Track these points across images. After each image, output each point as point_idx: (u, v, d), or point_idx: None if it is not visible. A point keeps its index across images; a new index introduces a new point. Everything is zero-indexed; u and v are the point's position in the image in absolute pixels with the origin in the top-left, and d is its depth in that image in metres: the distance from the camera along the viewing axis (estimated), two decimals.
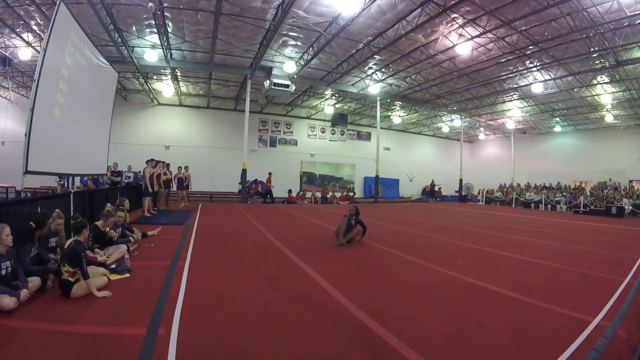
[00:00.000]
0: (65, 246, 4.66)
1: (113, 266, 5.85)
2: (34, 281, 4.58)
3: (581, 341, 3.75)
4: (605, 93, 21.81)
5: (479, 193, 33.31)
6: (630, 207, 21.79)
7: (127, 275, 5.65)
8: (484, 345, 3.68)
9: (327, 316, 4.35)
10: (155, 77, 23.15)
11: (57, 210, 6.32)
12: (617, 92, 21.25)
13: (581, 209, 23.20)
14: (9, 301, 4.00)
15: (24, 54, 16.91)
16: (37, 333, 3.61)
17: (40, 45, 16.27)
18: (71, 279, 4.55)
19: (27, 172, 7.08)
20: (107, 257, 6.12)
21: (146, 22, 15.63)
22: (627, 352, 3.65)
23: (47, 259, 5.25)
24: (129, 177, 17.34)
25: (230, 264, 6.73)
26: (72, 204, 8.53)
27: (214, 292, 5.08)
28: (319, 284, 5.61)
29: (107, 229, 6.65)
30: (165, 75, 22.67)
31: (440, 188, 34.27)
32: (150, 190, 13.39)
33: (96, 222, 6.69)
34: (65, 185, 15.86)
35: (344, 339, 3.72)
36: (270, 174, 24.38)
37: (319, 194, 26.91)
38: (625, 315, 4.46)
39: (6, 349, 3.25)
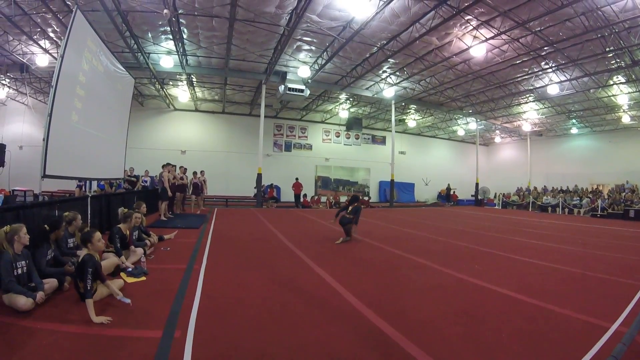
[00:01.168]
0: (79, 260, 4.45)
1: (130, 269, 5.93)
2: (51, 282, 4.65)
3: (599, 347, 3.66)
4: (621, 93, 21.43)
5: (495, 197, 32.89)
6: None
7: (144, 278, 5.72)
8: (500, 350, 3.64)
9: (342, 319, 4.34)
10: (171, 83, 23.48)
11: (72, 212, 6.42)
12: (634, 92, 20.84)
13: (599, 212, 22.79)
14: (25, 302, 4.08)
15: (41, 60, 17.38)
16: (53, 334, 3.65)
17: (57, 52, 16.74)
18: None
19: (45, 176, 7.23)
20: (125, 258, 6.22)
21: (161, 29, 15.88)
22: None
23: (64, 262, 5.35)
24: (146, 182, 17.54)
25: (245, 267, 6.78)
26: (89, 207, 8.67)
27: (230, 294, 5.12)
28: (333, 287, 5.61)
29: (128, 231, 6.74)
30: (181, 80, 22.99)
31: (454, 192, 33.94)
32: (169, 194, 13.50)
33: (119, 225, 6.77)
34: (83, 189, 16.12)
35: (358, 342, 3.72)
36: (297, 179, 24.76)
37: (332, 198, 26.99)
38: None
39: (22, 348, 3.30)
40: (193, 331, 3.79)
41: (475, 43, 16.04)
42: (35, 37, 15.90)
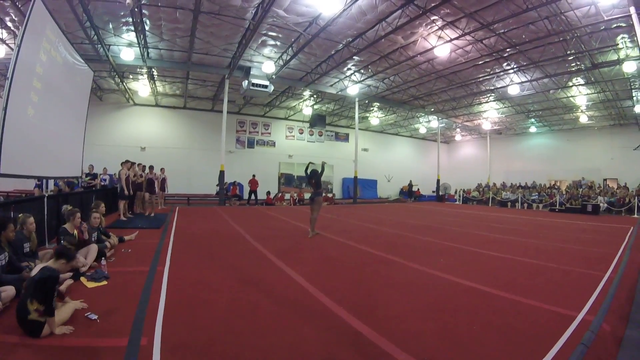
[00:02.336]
0: (32, 274, 3.80)
1: (89, 273, 5.65)
2: (8, 291, 4.29)
3: (568, 336, 3.80)
4: (580, 95, 22.40)
5: (455, 192, 33.73)
6: (606, 205, 22.37)
7: (105, 282, 5.42)
8: (473, 342, 3.69)
9: (314, 318, 4.29)
10: (131, 77, 22.64)
11: (23, 214, 6.04)
12: (592, 93, 21.86)
13: (557, 207, 23.68)
14: None
15: None
16: (13, 347, 3.41)
17: (15, 42, 15.86)
18: (42, 319, 3.59)
19: (0, 175, 6.82)
20: (84, 257, 5.92)
21: (123, 20, 15.25)
22: (612, 345, 3.76)
23: (20, 268, 4.98)
24: (105, 180, 16.91)
25: (211, 267, 6.60)
26: (46, 207, 8.25)
27: (196, 296, 4.95)
28: (302, 286, 5.54)
29: (76, 231, 6.41)
30: (142, 74, 22.17)
31: (418, 188, 34.53)
32: (125, 193, 12.98)
33: (64, 225, 6.45)
34: (41, 188, 15.42)
35: (333, 341, 3.67)
36: (254, 175, 24.52)
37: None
38: (608, 309, 4.58)
39: None
40: (160, 338, 3.62)
41: (439, 43, 16.28)
42: None
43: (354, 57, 18.82)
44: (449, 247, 9.30)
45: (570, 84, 20.83)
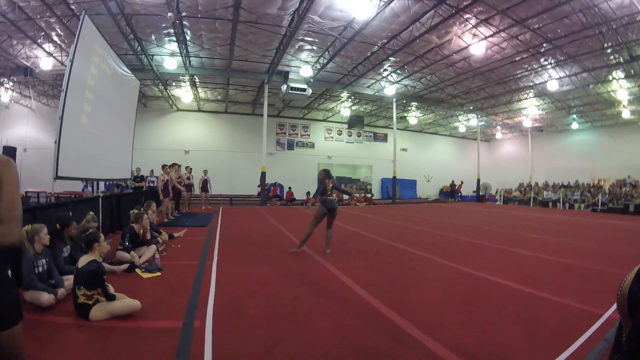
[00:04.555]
0: (80, 266, 4.16)
1: (144, 266, 6.20)
2: (70, 279, 4.78)
3: (592, 332, 3.91)
4: (621, 89, 21.49)
5: (496, 192, 33.09)
6: None
7: (159, 273, 5.98)
8: (499, 334, 3.90)
9: (351, 308, 4.60)
10: (174, 84, 23.69)
11: (90, 213, 6.68)
12: (633, 87, 20.96)
13: (599, 207, 22.98)
14: (47, 298, 4.26)
15: (45, 63, 17.52)
16: (77, 328, 3.85)
17: (61, 55, 16.96)
18: (89, 302, 4.05)
19: (57, 177, 7.44)
20: (139, 257, 6.47)
21: (165, 31, 16.09)
22: None
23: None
24: (152, 182, 17.72)
25: (256, 262, 7.02)
26: (100, 207, 8.90)
27: (243, 287, 5.37)
28: (341, 280, 5.87)
29: (142, 230, 6.98)
30: (184, 81, 23.19)
31: (462, 182, 33.91)
32: (160, 197, 13.32)
33: (132, 225, 7.06)
34: (91, 189, 16.35)
35: (368, 328, 3.98)
36: (290, 188, 25.40)
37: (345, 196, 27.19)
38: None
39: (51, 343, 3.45)
40: (212, 321, 4.03)
41: (474, 41, 16.22)
42: (39, 40, 16.09)
43: (389, 58, 18.95)
44: (485, 246, 9.39)
45: (610, 77, 20.08)
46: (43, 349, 3.31)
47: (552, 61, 18.46)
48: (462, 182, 33.84)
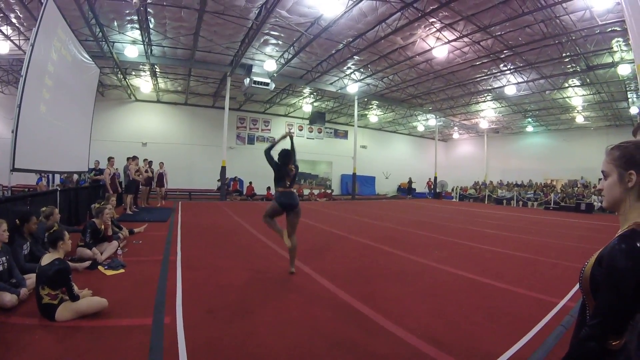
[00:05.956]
0: (43, 264, 3.97)
1: (107, 263, 6.03)
2: (32, 278, 4.52)
3: (549, 319, 4.22)
4: (576, 96, 22.68)
5: (452, 190, 34.07)
6: (599, 204, 22.67)
7: (122, 270, 5.82)
8: (463, 321, 4.14)
9: (320, 301, 4.72)
10: (133, 73, 22.87)
11: (47, 207, 6.42)
12: (588, 94, 22.17)
13: (551, 205, 24.11)
14: (10, 298, 4.08)
15: (2, 47, 16.40)
16: (43, 328, 3.70)
17: (19, 39, 16.14)
18: (54, 302, 3.90)
19: (14, 169, 7.15)
20: (101, 253, 6.29)
21: (128, 18, 15.50)
22: None
23: (40, 256, 5.33)
24: (118, 175, 17.19)
25: (220, 257, 7.02)
26: (58, 201, 8.60)
27: (210, 282, 5.36)
28: (307, 273, 5.98)
29: (103, 226, 6.79)
30: (144, 71, 22.43)
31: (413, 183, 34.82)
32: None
33: (93, 220, 6.84)
34: (45, 182, 15.74)
35: (338, 319, 4.10)
36: (250, 182, 25.26)
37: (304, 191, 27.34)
38: None
39: (16, 345, 3.32)
40: (182, 316, 4.01)
41: (438, 44, 16.62)
42: None
43: (354, 57, 19.14)
44: (443, 240, 9.74)
45: (566, 85, 21.16)
46: (8, 351, 3.19)
47: (512, 67, 19.20)
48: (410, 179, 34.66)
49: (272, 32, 16.73)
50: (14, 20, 15.16)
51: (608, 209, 1.55)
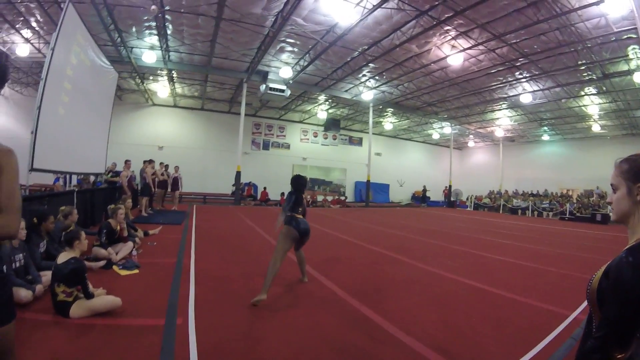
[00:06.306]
0: (59, 262, 4.10)
1: (121, 263, 6.16)
2: (48, 275, 4.66)
3: (560, 331, 4.18)
4: (592, 104, 22.36)
5: (467, 199, 33.79)
6: None
7: (137, 271, 5.95)
8: (470, 331, 4.12)
9: (329, 306, 4.75)
10: (151, 78, 23.26)
11: (68, 206, 6.58)
12: (604, 103, 21.84)
13: (567, 215, 23.80)
14: (25, 294, 4.18)
15: (22, 50, 16.97)
16: (57, 325, 3.81)
17: (39, 43, 16.52)
18: (69, 299, 4.02)
19: (32, 169, 7.32)
20: (116, 253, 6.41)
21: (146, 24, 15.82)
22: None
23: (56, 255, 5.46)
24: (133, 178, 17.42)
25: (233, 261, 7.09)
26: (75, 201, 8.77)
27: (222, 285, 5.45)
28: (318, 279, 6.02)
29: (119, 227, 6.92)
30: (162, 76, 22.81)
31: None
32: (153, 190, 13.47)
33: (109, 220, 6.98)
34: (62, 183, 16.02)
35: (345, 326, 4.12)
36: (265, 188, 25.33)
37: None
38: None
39: (30, 340, 3.39)
40: (194, 318, 4.09)
41: (453, 52, 16.62)
42: (17, 26, 15.58)
43: (369, 64, 19.22)
44: (455, 250, 9.69)
45: (582, 93, 20.88)
46: (23, 346, 3.23)
47: (527, 75, 19.03)
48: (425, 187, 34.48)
49: (288, 40, 16.90)
50: (33, 24, 15.59)
51: (617, 222, 1.56)
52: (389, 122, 32.51)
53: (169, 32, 16.56)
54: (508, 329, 4.20)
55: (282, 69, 19.57)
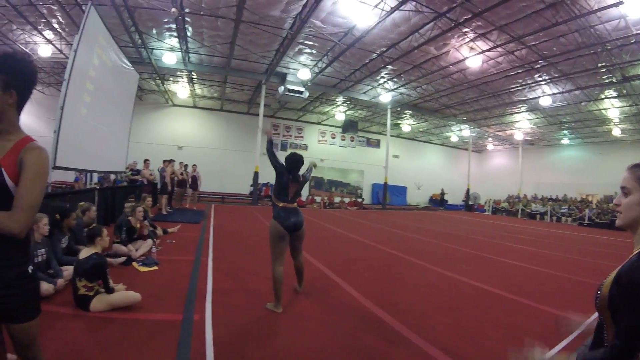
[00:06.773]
0: (81, 257, 4.25)
1: (141, 260, 6.31)
2: (69, 270, 4.85)
3: (572, 337, 4.07)
4: (612, 107, 21.93)
5: (485, 203, 33.46)
6: None
7: (156, 267, 6.10)
8: (483, 336, 4.13)
9: (343, 307, 4.82)
10: (171, 79, 23.65)
11: (86, 202, 6.75)
12: (625, 106, 21.40)
13: (586, 221, 23.41)
14: (47, 287, 4.32)
15: (44, 51, 17.45)
16: (76, 318, 3.95)
17: (60, 44, 16.92)
18: (90, 293, 4.16)
19: (55, 167, 7.50)
20: (135, 250, 6.56)
21: (166, 26, 16.10)
22: None
23: (77, 250, 5.62)
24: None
25: (250, 260, 7.19)
26: (96, 198, 8.97)
27: (239, 284, 5.56)
28: (334, 281, 6.09)
29: (139, 224, 7.07)
30: (182, 77, 23.18)
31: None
32: (169, 188, 13.75)
33: (129, 218, 7.14)
34: (83, 181, 16.33)
35: (359, 327, 4.17)
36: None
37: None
38: None
39: (50, 331, 3.49)
40: (211, 314, 4.19)
41: (471, 54, 16.51)
42: (39, 27, 16.02)
43: (387, 66, 19.20)
44: (471, 254, 9.64)
45: (602, 96, 20.54)
46: (43, 337, 3.27)
47: (546, 77, 18.79)
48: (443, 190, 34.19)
49: (307, 42, 17.00)
50: (55, 26, 15.96)
51: (623, 227, 1.52)
52: (407, 124, 32.33)
53: (188, 34, 16.82)
54: (519, 335, 4.19)
55: (301, 70, 19.69)
